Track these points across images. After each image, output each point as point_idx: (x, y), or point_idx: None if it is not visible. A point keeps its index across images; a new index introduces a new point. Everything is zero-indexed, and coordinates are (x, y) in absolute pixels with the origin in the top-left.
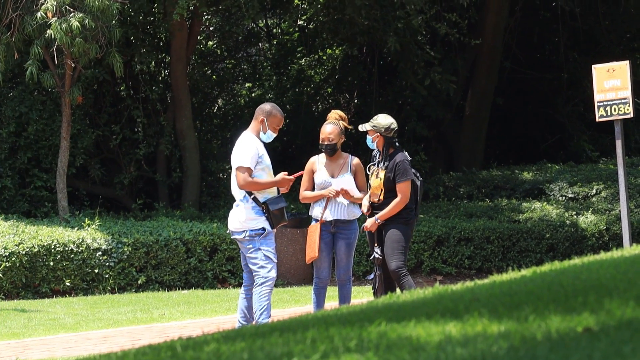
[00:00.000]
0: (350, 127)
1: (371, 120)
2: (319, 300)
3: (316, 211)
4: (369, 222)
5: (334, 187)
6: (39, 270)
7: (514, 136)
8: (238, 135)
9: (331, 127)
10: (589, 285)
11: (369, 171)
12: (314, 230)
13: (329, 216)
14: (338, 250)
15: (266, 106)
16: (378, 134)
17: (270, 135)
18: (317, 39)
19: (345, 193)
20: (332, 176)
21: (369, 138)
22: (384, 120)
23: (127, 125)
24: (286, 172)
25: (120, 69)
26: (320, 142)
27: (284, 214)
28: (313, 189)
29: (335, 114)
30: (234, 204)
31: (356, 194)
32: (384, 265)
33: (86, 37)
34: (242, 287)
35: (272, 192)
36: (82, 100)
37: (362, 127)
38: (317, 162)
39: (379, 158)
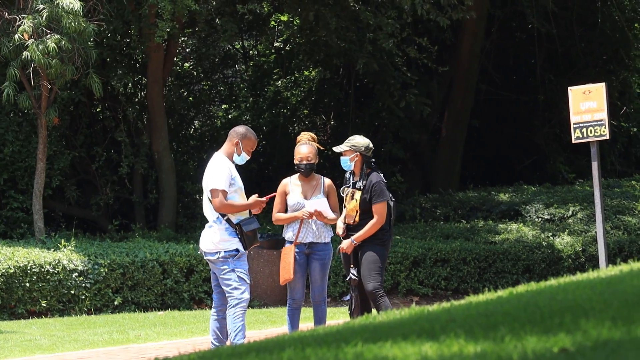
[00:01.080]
0: (322, 148)
1: (347, 141)
2: (294, 321)
3: (289, 233)
4: (345, 244)
5: (308, 208)
6: (15, 291)
7: (490, 158)
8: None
9: (307, 147)
10: (565, 306)
11: (343, 193)
12: (288, 252)
13: (303, 238)
14: (312, 271)
15: (240, 129)
16: (357, 153)
17: (244, 158)
18: (293, 60)
19: (319, 214)
20: (305, 198)
21: (344, 159)
22: (362, 140)
23: (104, 146)
24: (257, 195)
25: (100, 89)
26: (297, 162)
27: (256, 235)
28: (286, 211)
29: (306, 135)
30: (207, 225)
31: (330, 215)
32: (360, 287)
33: (62, 59)
34: (213, 309)
35: (245, 214)
36: (59, 122)
37: (338, 148)
38: (290, 184)
39: (353, 179)
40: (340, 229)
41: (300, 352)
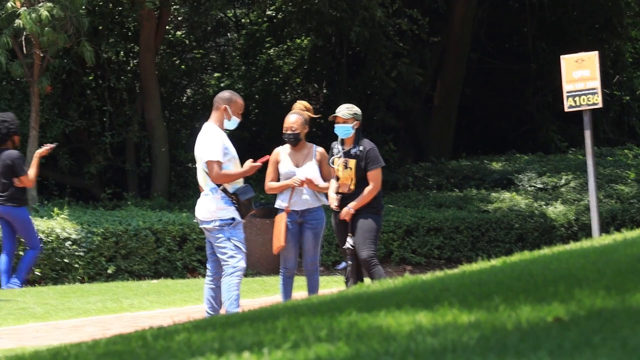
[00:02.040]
0: (315, 116)
1: (345, 108)
2: (287, 290)
3: (281, 201)
4: (343, 212)
5: (299, 176)
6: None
7: (483, 126)
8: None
9: (294, 117)
10: (558, 275)
11: (334, 164)
12: (280, 220)
13: (294, 206)
14: (305, 240)
15: (225, 94)
16: (358, 122)
17: (235, 121)
18: (285, 29)
19: (309, 182)
20: (297, 166)
21: (346, 127)
22: (358, 109)
23: (95, 115)
24: (252, 159)
25: (92, 58)
26: (283, 131)
27: (252, 204)
28: (278, 180)
29: (300, 104)
30: (202, 194)
31: (321, 183)
32: (355, 256)
33: (55, 27)
34: (207, 277)
35: (240, 182)
36: (51, 90)
37: (342, 114)
38: (282, 153)
39: (344, 148)
40: (333, 200)
41: (295, 321)
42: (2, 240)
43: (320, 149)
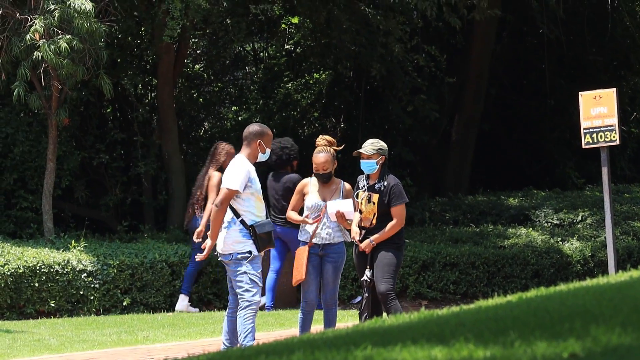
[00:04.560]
0: (339, 148)
1: (369, 144)
2: (306, 324)
3: (305, 234)
4: (364, 244)
5: (330, 209)
6: (24, 291)
7: (500, 162)
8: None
9: (324, 155)
10: (574, 312)
11: (358, 197)
12: (302, 252)
13: (317, 238)
14: (325, 273)
15: (255, 127)
16: (383, 157)
17: (267, 153)
18: (304, 63)
19: (340, 216)
20: (324, 200)
21: (370, 162)
22: (383, 144)
23: (113, 147)
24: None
25: (110, 90)
26: (314, 170)
27: (272, 238)
28: (301, 211)
29: (323, 140)
30: (222, 227)
31: (351, 217)
32: (372, 289)
33: (74, 59)
34: (227, 310)
35: (261, 216)
36: (69, 122)
37: (366, 151)
38: (310, 185)
39: (368, 182)
40: (355, 234)
41: (310, 355)
42: (271, 259)
43: (348, 186)
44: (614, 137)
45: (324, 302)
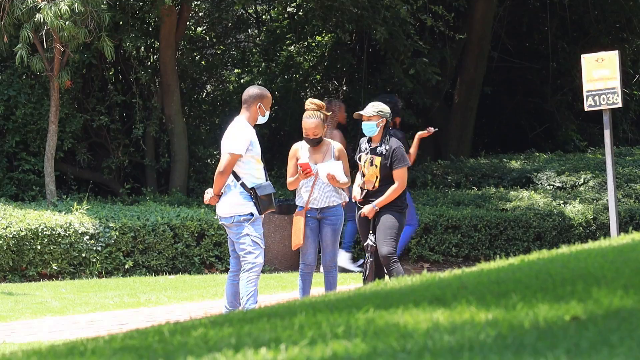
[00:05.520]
0: (328, 113)
1: (371, 106)
2: (305, 286)
3: (301, 198)
4: (367, 209)
5: (320, 172)
6: (26, 253)
7: (502, 125)
8: (226, 121)
9: (313, 121)
10: (576, 274)
11: (360, 160)
12: (299, 217)
13: (314, 203)
14: (324, 236)
15: (254, 90)
16: (384, 119)
17: (267, 116)
18: (306, 26)
19: (331, 178)
20: (315, 163)
21: (370, 124)
22: (385, 106)
23: (115, 109)
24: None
25: (112, 52)
26: (304, 135)
27: (272, 201)
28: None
29: (312, 104)
30: (222, 189)
31: (342, 178)
32: (376, 253)
33: (75, 21)
34: (229, 273)
35: (261, 179)
36: (71, 85)
37: (365, 112)
38: (300, 149)
39: (371, 145)
40: (357, 194)
41: (312, 318)
42: None
43: (339, 145)
44: (616, 99)
45: (323, 265)
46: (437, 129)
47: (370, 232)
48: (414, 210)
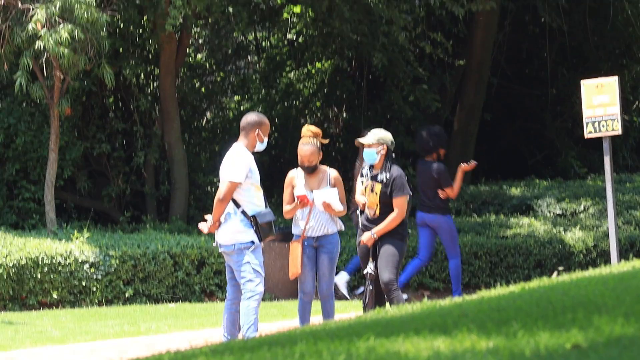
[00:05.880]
0: (325, 141)
1: (372, 134)
2: (305, 314)
3: (297, 227)
4: (365, 237)
5: (316, 199)
6: (26, 282)
7: (502, 152)
8: (226, 148)
9: (308, 148)
10: (577, 302)
11: (362, 185)
12: (295, 246)
13: (311, 231)
14: (321, 264)
15: (252, 117)
16: (384, 146)
17: (265, 143)
18: (306, 52)
19: (327, 206)
20: (311, 190)
21: (371, 151)
22: (387, 133)
23: (115, 137)
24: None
25: (112, 80)
26: (299, 162)
27: (273, 228)
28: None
29: (309, 131)
30: (222, 217)
31: (338, 207)
32: (376, 281)
33: (75, 49)
34: (226, 301)
35: (261, 206)
36: (71, 112)
37: (365, 140)
38: (296, 177)
39: (372, 172)
40: (360, 204)
41: (313, 346)
42: (419, 248)
43: (334, 173)
44: (616, 126)
45: (320, 294)
46: (476, 163)
47: (370, 259)
48: (457, 241)
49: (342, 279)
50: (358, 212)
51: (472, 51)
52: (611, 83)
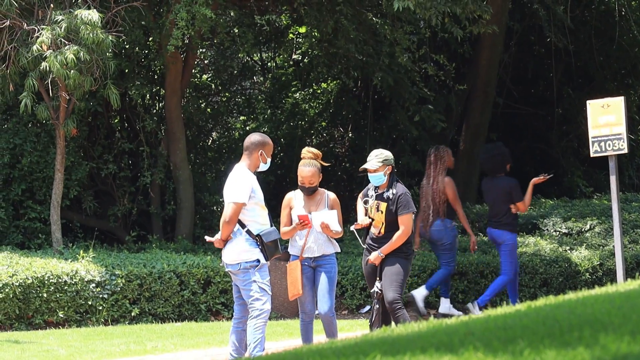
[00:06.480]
0: (326, 164)
1: (374, 156)
2: (308, 334)
3: (294, 248)
4: (373, 256)
5: (315, 221)
6: (33, 301)
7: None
8: (232, 168)
9: (309, 169)
10: (583, 320)
11: (366, 205)
12: (294, 267)
13: (308, 252)
14: (320, 284)
15: (256, 137)
16: (389, 166)
17: (269, 163)
18: (311, 73)
19: (325, 227)
20: (309, 212)
21: (378, 175)
22: (388, 153)
23: (121, 157)
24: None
25: (117, 100)
26: (299, 183)
27: (278, 246)
28: (291, 225)
29: (309, 153)
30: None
31: (336, 228)
32: (382, 300)
33: (81, 70)
34: (233, 320)
35: (266, 225)
36: (77, 133)
37: (371, 166)
38: (294, 199)
39: (377, 190)
40: (360, 222)
41: None
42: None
43: (332, 195)
44: (622, 145)
45: (322, 315)
46: (551, 174)
47: (378, 278)
48: (516, 260)
49: (420, 294)
50: (352, 227)
51: (477, 71)
52: (617, 103)
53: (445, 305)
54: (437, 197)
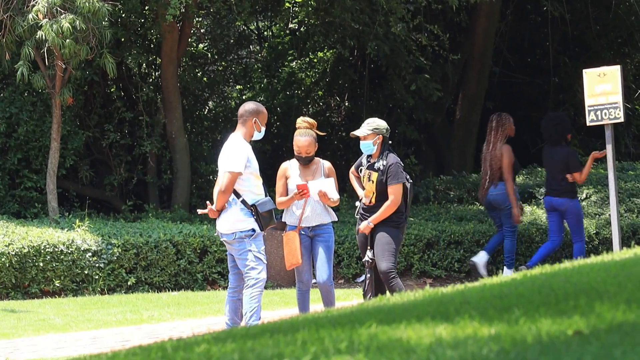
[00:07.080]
0: (322, 133)
1: (366, 124)
2: (304, 303)
3: (291, 217)
4: (362, 225)
5: (312, 189)
6: (29, 270)
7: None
8: (228, 138)
9: (306, 139)
10: (579, 289)
11: (361, 174)
12: (292, 237)
13: (306, 221)
14: (318, 254)
15: (250, 105)
16: (380, 136)
17: (263, 132)
18: (308, 42)
19: (323, 195)
20: (306, 181)
21: (367, 142)
22: (381, 122)
23: (118, 126)
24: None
25: (113, 69)
26: (296, 153)
27: (273, 216)
28: (287, 195)
29: (304, 122)
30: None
31: (334, 195)
32: (375, 269)
33: (77, 39)
34: (229, 289)
35: (261, 195)
36: (73, 102)
37: (360, 133)
38: (290, 168)
39: (370, 160)
40: (360, 196)
41: (315, 334)
42: (550, 234)
43: (328, 164)
44: (618, 114)
45: (320, 284)
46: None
47: (369, 248)
48: (583, 226)
49: (481, 260)
50: (358, 202)
51: (474, 40)
52: (613, 71)
53: (483, 259)
54: (495, 163)
